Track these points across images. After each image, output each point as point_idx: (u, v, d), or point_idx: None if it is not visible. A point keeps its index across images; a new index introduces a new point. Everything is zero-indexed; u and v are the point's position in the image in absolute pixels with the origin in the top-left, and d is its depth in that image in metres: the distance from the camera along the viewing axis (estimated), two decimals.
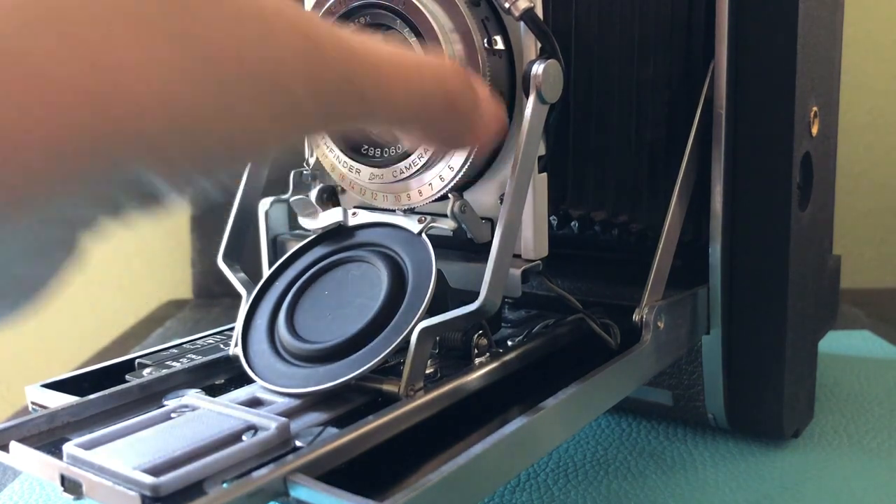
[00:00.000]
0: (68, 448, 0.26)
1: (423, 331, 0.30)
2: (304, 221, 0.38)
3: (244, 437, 0.28)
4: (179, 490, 0.25)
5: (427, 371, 0.32)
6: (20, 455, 0.28)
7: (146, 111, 0.18)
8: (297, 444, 0.28)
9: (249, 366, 0.33)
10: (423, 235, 0.35)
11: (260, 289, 0.36)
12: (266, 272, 0.37)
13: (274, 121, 0.21)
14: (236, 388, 0.33)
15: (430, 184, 0.34)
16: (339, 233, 0.37)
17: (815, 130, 0.42)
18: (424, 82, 0.26)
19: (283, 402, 0.31)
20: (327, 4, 0.34)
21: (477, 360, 0.34)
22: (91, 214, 0.20)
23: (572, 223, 0.44)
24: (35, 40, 0.17)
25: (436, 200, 0.35)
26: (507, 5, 0.32)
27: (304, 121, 0.23)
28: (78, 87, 0.17)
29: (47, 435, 0.30)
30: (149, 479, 0.24)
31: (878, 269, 0.93)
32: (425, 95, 0.26)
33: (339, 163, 0.36)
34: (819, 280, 0.46)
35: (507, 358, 0.34)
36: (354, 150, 0.35)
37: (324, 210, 0.38)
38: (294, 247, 0.37)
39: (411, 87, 0.26)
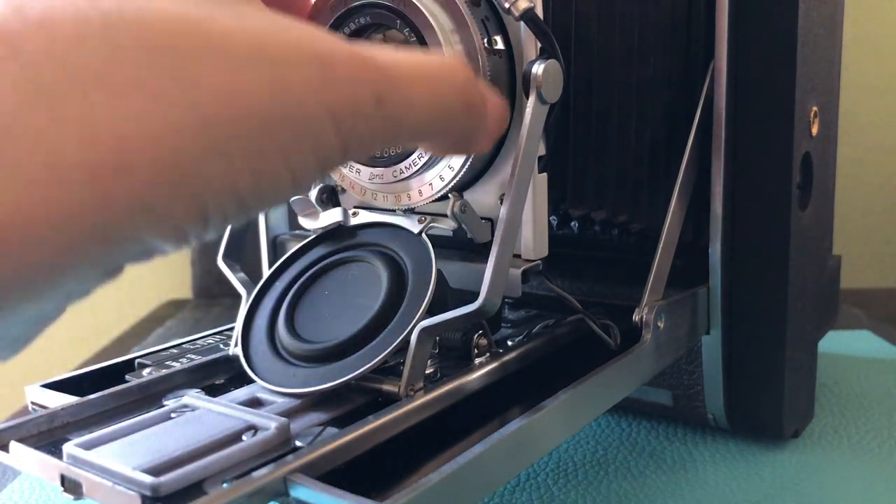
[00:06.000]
0: (68, 448, 0.26)
1: (423, 331, 0.30)
2: (304, 221, 0.38)
3: (244, 437, 0.28)
4: (179, 490, 0.25)
5: (427, 371, 0.32)
6: (20, 455, 0.28)
7: (145, 178, 0.17)
8: (297, 444, 0.28)
9: (249, 366, 0.33)
10: (423, 235, 0.35)
11: (260, 289, 0.36)
12: (266, 272, 0.37)
13: (288, 161, 0.19)
14: (236, 388, 0.33)
15: (431, 184, 0.34)
16: (338, 233, 0.37)
17: (815, 130, 0.42)
18: (443, 87, 0.24)
19: (283, 402, 0.31)
20: (327, 5, 0.34)
21: (477, 360, 0.34)
22: (87, 285, 0.18)
23: (572, 223, 0.44)
24: (25, 116, 0.16)
25: (436, 200, 0.35)
26: (507, 5, 0.32)
27: (326, 157, 0.20)
28: (76, 161, 0.16)
29: (47, 435, 0.30)
30: (149, 479, 0.24)
31: (878, 269, 0.93)
32: (445, 101, 0.24)
33: None
34: (819, 280, 0.46)
35: (506, 358, 0.34)
36: None
37: (324, 210, 0.38)
38: (294, 247, 0.37)
39: (433, 96, 0.23)
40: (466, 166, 0.33)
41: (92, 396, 0.32)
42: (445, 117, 0.25)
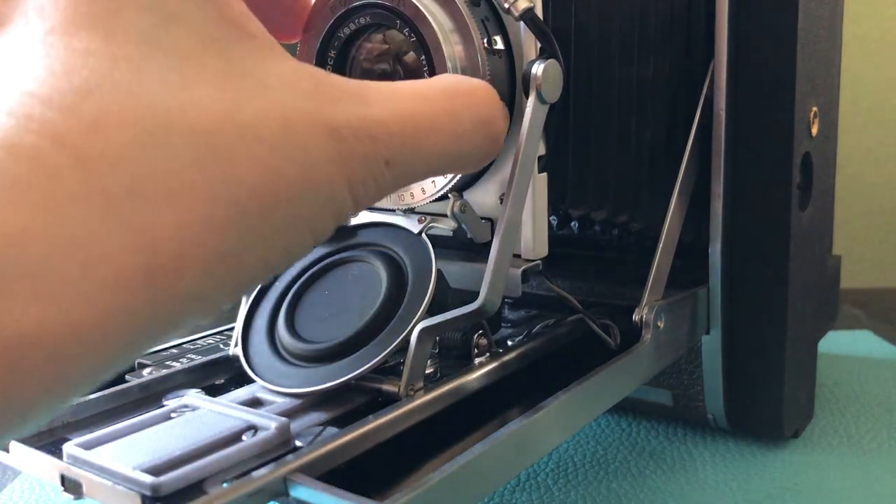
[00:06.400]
0: (68, 448, 0.26)
1: (423, 331, 0.30)
2: None
3: (244, 437, 0.28)
4: (179, 490, 0.25)
5: (427, 371, 0.32)
6: (20, 455, 0.28)
7: (196, 276, 0.18)
8: (297, 444, 0.28)
9: (249, 366, 0.33)
10: (423, 235, 0.35)
11: (260, 289, 0.36)
12: None
13: (313, 229, 0.21)
14: (236, 388, 0.33)
15: (432, 182, 0.34)
16: (338, 232, 0.37)
17: (815, 130, 0.42)
18: (461, 122, 0.25)
19: (283, 402, 0.31)
20: (327, 5, 0.34)
21: (477, 360, 0.34)
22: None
23: (572, 223, 0.44)
24: (89, 225, 0.17)
25: (436, 200, 0.35)
26: (506, 5, 0.32)
27: (342, 215, 0.22)
28: (138, 268, 0.17)
29: (47, 435, 0.30)
30: (149, 479, 0.24)
31: (878, 269, 0.93)
32: (462, 137, 0.25)
33: None
34: (819, 280, 0.46)
35: (507, 358, 0.34)
36: None
37: None
38: None
39: (449, 141, 0.25)
40: None
41: (92, 396, 0.32)
42: (459, 155, 0.26)
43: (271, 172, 0.20)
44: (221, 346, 0.38)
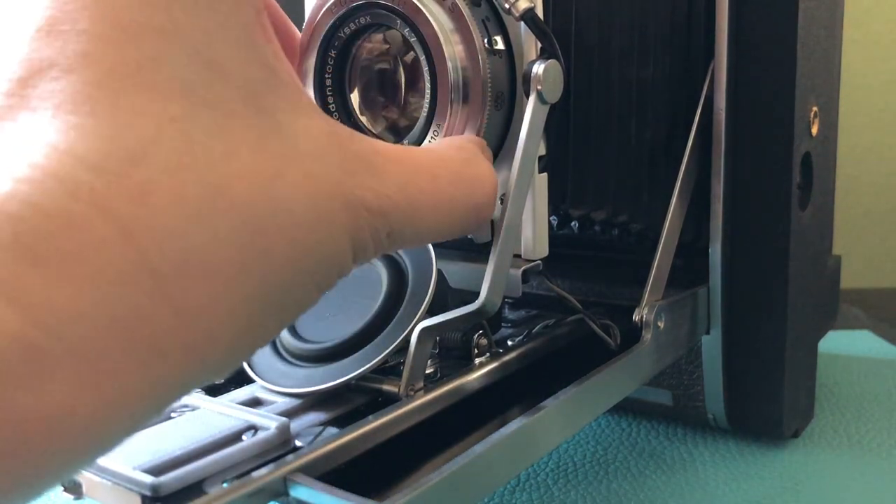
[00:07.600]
0: None
1: (424, 331, 0.30)
2: None
3: (244, 437, 0.28)
4: (179, 490, 0.25)
5: (427, 371, 0.32)
6: None
7: (226, 348, 0.19)
8: (297, 443, 0.28)
9: (249, 365, 0.33)
10: None
11: None
12: None
13: (319, 287, 0.22)
14: (236, 387, 0.33)
15: None
16: None
17: (815, 130, 0.42)
18: (458, 207, 0.27)
19: (284, 402, 0.31)
20: (327, 5, 0.34)
21: (477, 360, 0.34)
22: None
23: (572, 223, 0.44)
24: (136, 302, 0.17)
25: None
26: (507, 6, 0.32)
27: (343, 273, 0.23)
28: (175, 344, 0.18)
29: None
30: (149, 479, 0.24)
31: (878, 269, 0.93)
32: (455, 219, 0.27)
33: None
34: (819, 280, 0.46)
35: (507, 358, 0.34)
36: None
37: None
38: None
39: (445, 218, 0.26)
40: None
41: None
42: (447, 233, 0.27)
43: (297, 245, 0.21)
44: None
